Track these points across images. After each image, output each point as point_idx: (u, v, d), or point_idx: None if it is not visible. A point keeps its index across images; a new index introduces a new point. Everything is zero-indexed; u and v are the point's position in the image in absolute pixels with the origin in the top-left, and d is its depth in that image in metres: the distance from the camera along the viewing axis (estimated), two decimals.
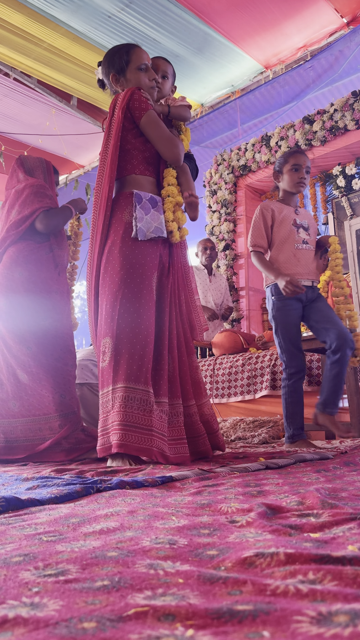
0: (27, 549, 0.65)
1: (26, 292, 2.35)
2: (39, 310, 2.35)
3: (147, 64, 2.03)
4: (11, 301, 2.35)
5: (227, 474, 1.38)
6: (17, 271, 2.36)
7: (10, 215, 2.46)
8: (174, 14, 4.03)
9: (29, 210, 2.40)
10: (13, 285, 2.35)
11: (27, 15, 4.08)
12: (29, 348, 2.33)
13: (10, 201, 2.51)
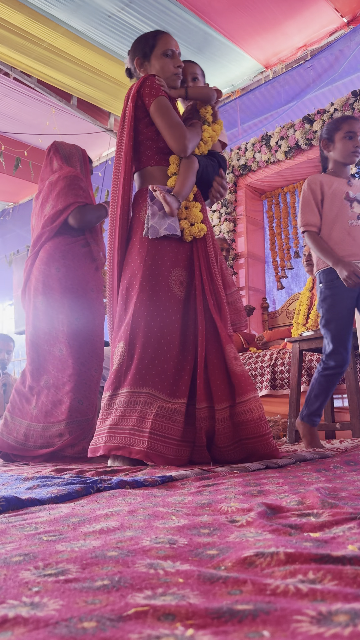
0: (27, 549, 0.65)
1: (62, 289, 2.28)
2: (74, 309, 2.29)
3: (173, 51, 1.93)
4: (47, 298, 2.28)
5: (227, 474, 1.38)
6: (54, 267, 2.29)
7: (45, 210, 2.38)
8: (174, 13, 4.02)
9: (63, 204, 2.32)
10: (50, 282, 2.28)
11: (27, 15, 4.08)
12: (60, 350, 2.27)
13: (44, 194, 2.43)
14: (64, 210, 2.32)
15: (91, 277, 2.38)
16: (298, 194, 4.53)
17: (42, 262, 2.32)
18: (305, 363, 3.19)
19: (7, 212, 7.41)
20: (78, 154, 2.55)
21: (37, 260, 2.34)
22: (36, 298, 2.32)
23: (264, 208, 4.82)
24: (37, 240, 2.38)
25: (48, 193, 2.40)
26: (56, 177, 2.40)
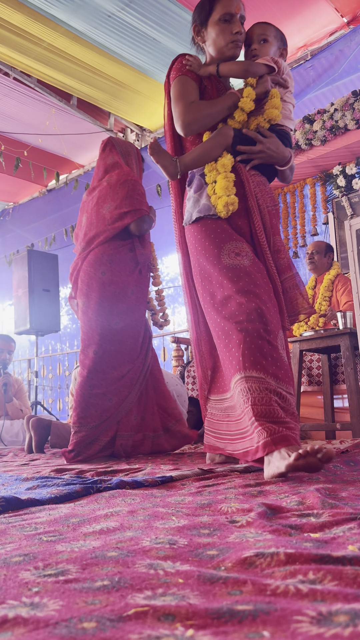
0: (27, 549, 0.65)
1: (105, 292, 2.29)
2: (115, 313, 2.29)
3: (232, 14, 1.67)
4: (90, 300, 2.30)
5: (227, 474, 1.38)
6: (100, 270, 2.29)
7: (103, 209, 2.34)
8: (174, 13, 4.02)
9: (128, 208, 2.29)
10: (94, 284, 2.29)
11: (27, 15, 4.08)
12: (95, 352, 2.27)
13: (102, 192, 2.37)
14: (128, 214, 2.30)
15: (133, 282, 2.36)
16: (298, 194, 4.53)
17: (89, 265, 2.32)
18: (306, 363, 3.19)
19: (7, 212, 7.41)
20: (134, 152, 2.54)
21: (86, 262, 2.35)
22: (79, 299, 2.36)
23: None
24: (92, 239, 2.35)
25: (107, 192, 2.36)
26: (115, 178, 2.37)
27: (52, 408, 6.22)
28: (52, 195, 6.87)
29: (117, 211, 2.29)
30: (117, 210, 2.30)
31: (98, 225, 2.34)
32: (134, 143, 6.02)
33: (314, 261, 3.52)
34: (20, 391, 4.21)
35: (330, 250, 3.57)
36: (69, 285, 2.81)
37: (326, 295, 3.41)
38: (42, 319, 4.57)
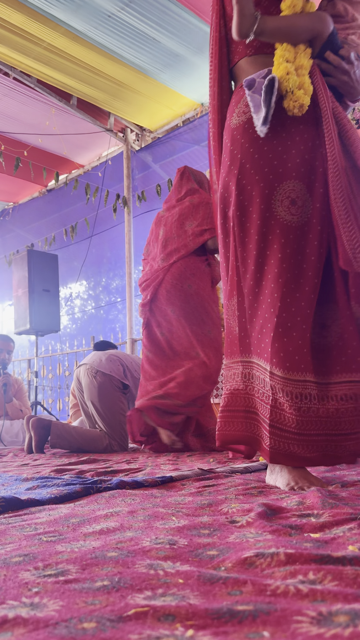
0: (27, 549, 0.65)
1: (193, 303, 2.54)
2: (206, 320, 2.55)
3: None
4: (180, 310, 2.53)
5: (227, 474, 1.38)
6: (187, 284, 2.54)
7: (185, 225, 2.60)
8: (174, 13, 4.03)
9: (209, 226, 2.54)
10: (183, 296, 2.53)
11: (27, 15, 4.08)
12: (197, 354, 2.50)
13: (184, 211, 2.64)
14: (207, 231, 2.55)
15: (209, 293, 2.61)
16: None
17: (175, 278, 2.55)
18: None
19: (6, 212, 7.41)
20: (206, 180, 2.84)
21: (169, 274, 2.56)
22: (168, 308, 2.58)
23: None
24: (173, 252, 2.58)
25: (190, 211, 2.62)
26: (198, 200, 2.65)
27: (52, 408, 6.22)
28: (52, 195, 6.87)
29: (199, 228, 2.56)
30: (198, 227, 2.56)
31: (179, 239, 2.58)
32: (134, 143, 6.02)
33: None
34: (20, 391, 4.21)
35: None
36: (68, 285, 2.85)
37: None
38: (42, 319, 4.57)
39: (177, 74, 4.82)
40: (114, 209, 5.86)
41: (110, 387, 2.78)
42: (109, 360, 2.86)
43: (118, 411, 2.77)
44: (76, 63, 4.69)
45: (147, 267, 2.75)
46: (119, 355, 2.94)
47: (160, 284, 2.58)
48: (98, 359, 2.88)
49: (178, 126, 5.59)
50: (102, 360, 2.85)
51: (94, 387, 2.77)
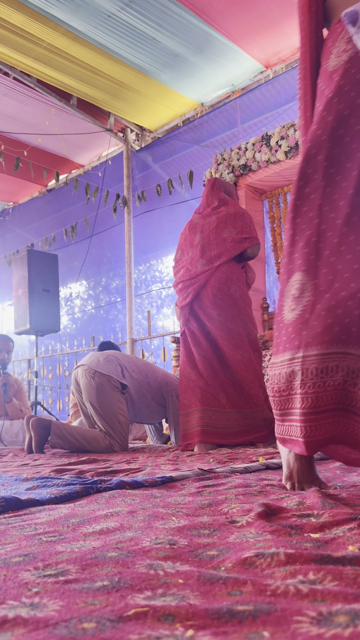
0: (27, 549, 0.65)
1: (238, 305, 2.74)
2: (248, 322, 2.77)
3: None
4: (227, 313, 2.72)
5: (227, 474, 1.38)
6: (233, 288, 2.75)
7: (224, 232, 2.79)
8: (174, 13, 4.02)
9: (249, 234, 2.77)
10: (229, 300, 2.74)
11: (27, 15, 4.08)
12: (242, 355, 2.71)
13: (222, 219, 2.82)
14: (247, 240, 2.77)
15: (248, 297, 2.86)
16: None
17: (221, 282, 2.74)
18: None
19: (7, 212, 7.41)
20: (234, 191, 3.07)
21: (214, 277, 2.75)
22: (214, 311, 2.74)
23: (265, 208, 4.82)
24: (214, 258, 2.76)
25: (227, 220, 2.81)
26: (234, 210, 2.85)
27: (52, 408, 6.22)
28: (52, 195, 6.87)
29: (239, 236, 2.75)
30: (238, 235, 2.75)
31: (218, 245, 2.77)
32: (134, 143, 6.02)
33: None
34: (20, 391, 4.21)
35: None
36: (68, 285, 2.88)
37: None
38: (42, 319, 4.57)
39: (177, 74, 4.82)
40: (114, 209, 5.86)
41: (108, 388, 2.78)
42: (106, 360, 2.86)
43: (117, 411, 2.76)
44: (76, 63, 4.69)
45: (181, 270, 2.90)
46: (117, 356, 2.95)
47: (204, 287, 2.76)
48: (96, 359, 2.88)
49: (178, 126, 5.59)
50: (100, 361, 2.85)
51: (92, 387, 2.77)
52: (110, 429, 2.73)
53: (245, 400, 2.72)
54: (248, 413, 2.72)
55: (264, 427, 2.69)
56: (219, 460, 1.84)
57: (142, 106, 5.40)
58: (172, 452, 2.42)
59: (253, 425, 2.70)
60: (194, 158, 5.54)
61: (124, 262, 6.03)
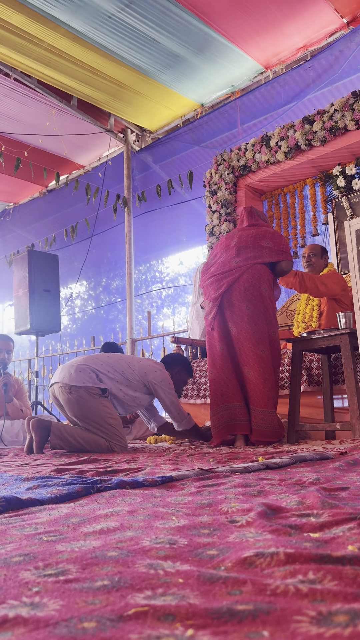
0: (27, 549, 0.65)
1: (267, 304, 2.85)
2: (273, 321, 2.87)
3: None
4: (256, 307, 2.83)
5: (227, 474, 1.38)
6: (263, 287, 2.87)
7: (262, 242, 2.95)
8: (174, 14, 4.03)
9: (286, 249, 2.94)
10: (259, 296, 2.84)
11: (27, 16, 4.08)
12: (263, 351, 2.79)
13: (261, 232, 2.98)
14: (286, 254, 2.94)
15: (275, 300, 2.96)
16: (298, 195, 4.52)
17: (254, 278, 2.87)
18: (305, 363, 3.19)
19: (7, 213, 7.41)
20: (267, 218, 3.25)
21: (248, 273, 2.87)
22: (243, 304, 2.84)
23: (264, 208, 4.82)
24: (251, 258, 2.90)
25: (267, 234, 2.97)
26: (273, 231, 3.02)
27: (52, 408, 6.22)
28: (53, 195, 6.87)
29: (276, 247, 2.92)
30: (275, 247, 2.92)
31: (254, 250, 2.92)
32: (134, 143, 6.02)
33: (312, 263, 3.54)
34: (21, 391, 4.21)
35: (325, 252, 3.61)
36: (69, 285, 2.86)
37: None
38: (43, 319, 4.57)
39: (177, 74, 4.82)
40: (114, 210, 5.86)
41: (88, 398, 2.71)
42: (78, 371, 2.76)
43: (104, 416, 2.71)
44: (76, 64, 4.69)
45: (212, 268, 3.04)
46: (88, 362, 2.85)
47: (237, 280, 2.88)
48: (67, 373, 2.79)
49: (178, 127, 5.59)
50: (72, 374, 2.76)
51: (73, 402, 2.71)
52: (104, 434, 2.71)
53: (258, 399, 2.78)
54: (261, 413, 2.77)
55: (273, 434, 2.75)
56: (219, 460, 1.84)
57: (142, 107, 5.40)
58: (172, 452, 2.42)
59: (268, 428, 2.75)
60: (193, 159, 5.54)
61: (124, 263, 6.03)
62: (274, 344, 2.85)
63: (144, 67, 4.70)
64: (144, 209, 5.90)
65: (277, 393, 2.85)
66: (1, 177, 6.42)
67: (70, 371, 2.77)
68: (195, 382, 3.75)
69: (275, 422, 2.77)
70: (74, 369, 2.77)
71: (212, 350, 2.92)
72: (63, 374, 2.79)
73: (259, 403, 2.77)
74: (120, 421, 2.79)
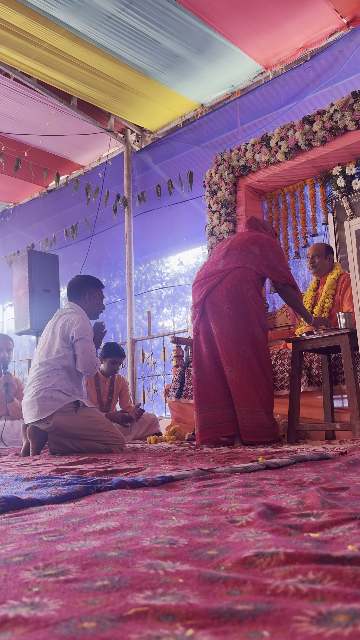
0: (27, 549, 0.65)
1: (249, 304, 2.84)
2: (255, 322, 2.84)
3: None
4: (237, 308, 2.83)
5: (227, 474, 1.38)
6: (245, 287, 2.85)
7: (251, 246, 2.93)
8: (174, 14, 4.03)
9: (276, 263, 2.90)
10: (241, 297, 2.84)
11: (27, 16, 4.08)
12: (245, 351, 2.79)
13: (252, 236, 2.99)
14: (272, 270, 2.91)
15: (261, 302, 2.95)
16: (298, 195, 4.52)
17: (237, 280, 2.86)
18: (305, 363, 3.19)
19: (7, 213, 7.41)
20: (269, 226, 3.22)
21: (230, 276, 2.87)
22: (225, 303, 2.85)
23: (264, 209, 4.82)
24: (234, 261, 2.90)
25: (256, 241, 2.96)
26: (267, 239, 2.99)
27: None
28: (53, 195, 6.87)
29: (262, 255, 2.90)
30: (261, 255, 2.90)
31: (241, 252, 2.91)
32: (134, 144, 6.02)
33: (316, 264, 3.53)
34: (21, 391, 4.22)
35: (330, 251, 3.58)
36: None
37: (330, 294, 3.42)
38: (43, 319, 4.57)
39: (177, 74, 4.82)
40: (114, 210, 5.86)
41: (65, 419, 2.64)
42: (39, 402, 2.66)
43: (91, 426, 2.66)
44: (76, 64, 4.69)
45: (201, 271, 3.04)
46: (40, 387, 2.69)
47: (219, 284, 2.88)
48: (30, 410, 2.69)
49: (178, 127, 5.59)
50: (36, 409, 2.66)
51: (57, 431, 2.66)
52: (100, 441, 2.67)
53: (242, 398, 2.77)
54: (246, 412, 2.76)
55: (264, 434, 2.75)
56: (219, 460, 1.84)
57: (142, 107, 5.40)
58: (172, 452, 2.42)
59: (255, 427, 2.75)
60: (193, 159, 5.54)
61: (124, 263, 6.03)
62: (259, 344, 2.84)
63: (144, 67, 4.70)
64: (143, 209, 5.90)
65: (269, 392, 2.82)
66: (1, 177, 6.42)
67: (32, 408, 2.67)
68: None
69: (265, 421, 2.74)
70: (34, 403, 2.67)
71: (198, 351, 2.94)
72: (28, 413, 2.71)
73: (244, 403, 2.76)
74: (108, 421, 2.77)
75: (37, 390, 2.68)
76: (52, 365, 2.72)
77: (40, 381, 2.70)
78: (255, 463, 1.59)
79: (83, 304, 2.92)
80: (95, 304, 2.94)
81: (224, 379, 2.83)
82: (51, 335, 2.82)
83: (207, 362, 2.87)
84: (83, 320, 2.78)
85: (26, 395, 2.75)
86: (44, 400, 2.65)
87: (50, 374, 2.71)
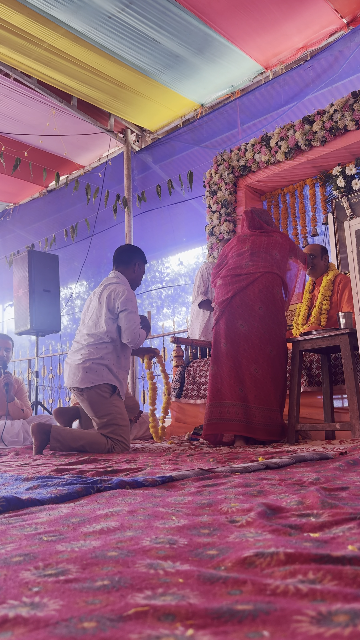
0: (27, 549, 0.65)
1: (278, 306, 2.97)
2: (283, 323, 2.98)
3: None
4: (268, 308, 2.93)
5: (227, 474, 1.38)
6: (276, 290, 2.99)
7: (274, 251, 3.07)
8: (174, 14, 4.03)
9: (293, 251, 3.12)
10: (272, 298, 2.96)
11: (27, 16, 4.08)
12: (271, 351, 2.88)
13: (270, 241, 3.10)
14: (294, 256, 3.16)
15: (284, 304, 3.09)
16: (298, 195, 4.52)
17: (269, 282, 2.98)
18: (305, 363, 3.19)
19: (7, 213, 7.41)
20: (270, 218, 3.29)
21: (262, 278, 2.98)
22: (257, 303, 2.95)
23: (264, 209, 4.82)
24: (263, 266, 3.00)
25: (274, 244, 3.09)
26: (280, 238, 3.13)
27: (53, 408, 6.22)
28: (52, 195, 6.87)
29: (283, 258, 3.08)
30: (282, 258, 3.07)
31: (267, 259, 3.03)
32: (134, 144, 6.02)
33: (313, 265, 3.53)
34: (21, 391, 4.22)
35: (325, 252, 3.59)
36: (69, 285, 2.86)
37: (326, 295, 3.42)
38: (43, 319, 4.57)
39: (177, 75, 4.82)
40: (114, 210, 5.86)
41: (98, 399, 2.74)
42: (84, 371, 2.73)
43: (115, 416, 2.74)
44: (76, 64, 4.69)
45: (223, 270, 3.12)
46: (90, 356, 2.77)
47: (251, 284, 2.98)
48: (72, 374, 2.76)
49: (178, 127, 5.59)
50: (79, 377, 2.73)
51: (86, 403, 2.76)
52: (111, 434, 2.72)
53: (263, 397, 2.82)
54: (264, 411, 2.81)
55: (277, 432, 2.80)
56: (219, 460, 1.84)
57: (142, 107, 5.40)
58: (172, 452, 2.42)
59: (271, 426, 2.80)
60: (193, 159, 5.54)
61: None
62: (283, 345, 2.94)
63: (143, 67, 4.70)
64: (143, 209, 5.90)
65: (285, 392, 2.91)
66: (1, 177, 6.42)
67: (75, 372, 2.77)
68: (195, 382, 3.75)
69: (279, 421, 2.82)
70: (80, 369, 2.75)
71: (217, 347, 2.97)
72: (70, 376, 2.79)
73: (264, 401, 2.80)
74: (127, 422, 2.81)
75: (85, 359, 2.78)
76: (101, 338, 2.81)
77: (89, 351, 2.80)
78: (255, 463, 1.59)
79: (130, 273, 2.99)
80: (139, 277, 3.05)
81: (237, 377, 2.86)
82: (98, 306, 2.90)
83: (224, 359, 2.91)
84: (128, 292, 2.85)
85: (72, 359, 2.84)
86: (88, 372, 2.75)
87: (99, 346, 2.80)
